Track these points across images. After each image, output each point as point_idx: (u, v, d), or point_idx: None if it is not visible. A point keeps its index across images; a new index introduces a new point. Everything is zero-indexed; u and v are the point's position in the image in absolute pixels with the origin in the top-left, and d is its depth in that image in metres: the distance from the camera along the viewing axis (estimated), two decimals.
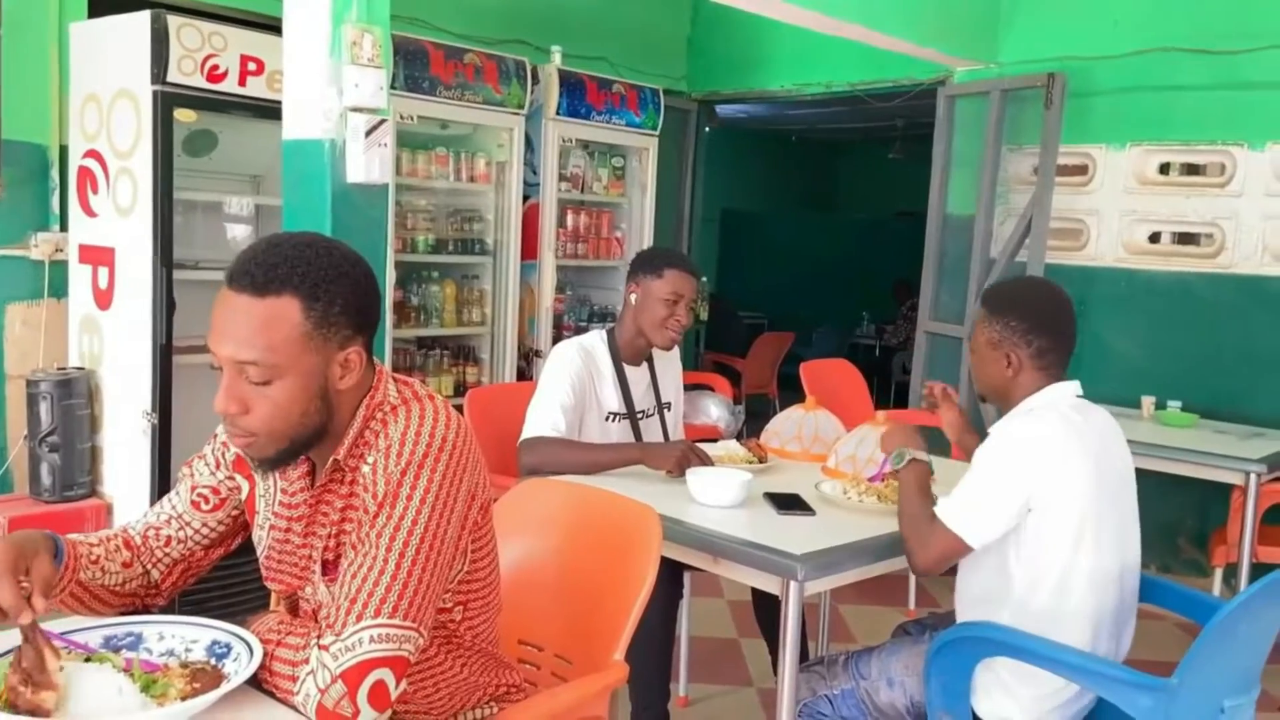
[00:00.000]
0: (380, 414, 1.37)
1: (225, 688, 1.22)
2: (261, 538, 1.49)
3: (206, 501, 1.50)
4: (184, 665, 1.29)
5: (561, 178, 4.71)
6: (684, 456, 2.52)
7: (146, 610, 1.49)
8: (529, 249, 4.57)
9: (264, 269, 1.26)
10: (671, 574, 2.58)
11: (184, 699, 1.20)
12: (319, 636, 1.26)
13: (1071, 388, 2.09)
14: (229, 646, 1.31)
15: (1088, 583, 1.96)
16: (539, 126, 4.55)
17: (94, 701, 1.17)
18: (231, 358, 1.27)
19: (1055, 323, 2.07)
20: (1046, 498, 1.93)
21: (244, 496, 1.51)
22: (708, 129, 6.55)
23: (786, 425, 3.00)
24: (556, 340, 4.67)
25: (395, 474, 1.30)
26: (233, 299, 1.27)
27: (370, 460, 1.32)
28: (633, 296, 2.77)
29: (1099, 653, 1.99)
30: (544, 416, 2.63)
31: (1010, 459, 1.96)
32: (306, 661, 1.24)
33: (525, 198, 4.53)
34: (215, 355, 1.30)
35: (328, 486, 1.41)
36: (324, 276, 1.28)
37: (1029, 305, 2.08)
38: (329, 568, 1.39)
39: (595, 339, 2.84)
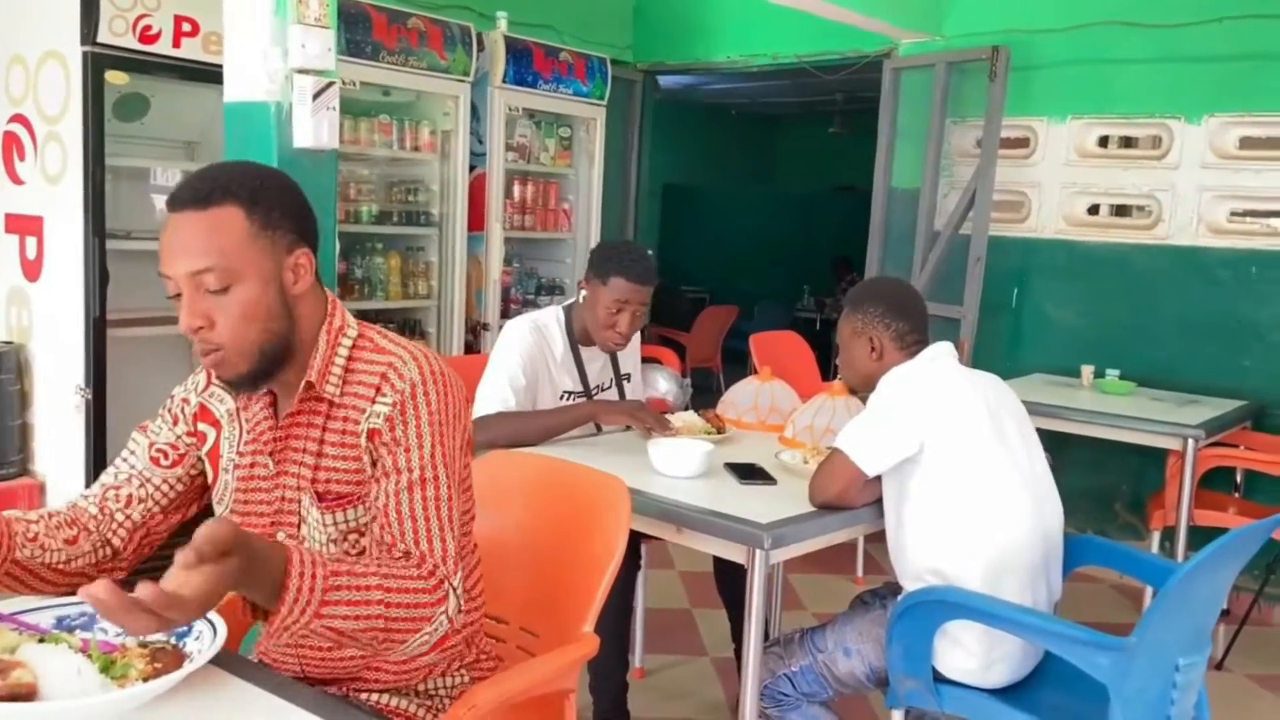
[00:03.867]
0: (347, 341, 1.41)
1: (189, 667, 1.17)
2: (227, 482, 1.46)
3: (166, 457, 1.48)
4: (143, 645, 1.23)
5: (508, 147, 4.63)
6: (638, 409, 2.58)
7: None
8: (475, 220, 4.49)
9: (204, 184, 1.31)
10: (630, 546, 2.56)
11: (145, 679, 1.15)
12: (430, 575, 1.28)
13: (945, 346, 2.23)
14: (190, 624, 1.26)
15: (1024, 534, 2.04)
16: (485, 94, 4.46)
17: (53, 684, 1.11)
18: (187, 271, 1.29)
19: (908, 308, 2.24)
20: (941, 433, 2.03)
21: (207, 449, 1.48)
22: (656, 97, 6.50)
23: (742, 396, 3.00)
24: (505, 313, 4.62)
25: (423, 414, 1.36)
26: (177, 218, 1.31)
27: (390, 400, 1.36)
28: (582, 294, 2.73)
29: (1036, 604, 2.05)
30: (494, 393, 2.59)
31: (901, 393, 2.10)
32: (428, 596, 1.26)
33: (471, 168, 4.45)
34: (169, 278, 1.31)
35: (296, 417, 1.40)
36: (260, 185, 1.33)
37: (881, 295, 2.26)
38: (324, 498, 1.40)
39: (550, 317, 2.79)
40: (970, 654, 2.04)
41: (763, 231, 10.63)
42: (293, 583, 1.13)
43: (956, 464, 2.03)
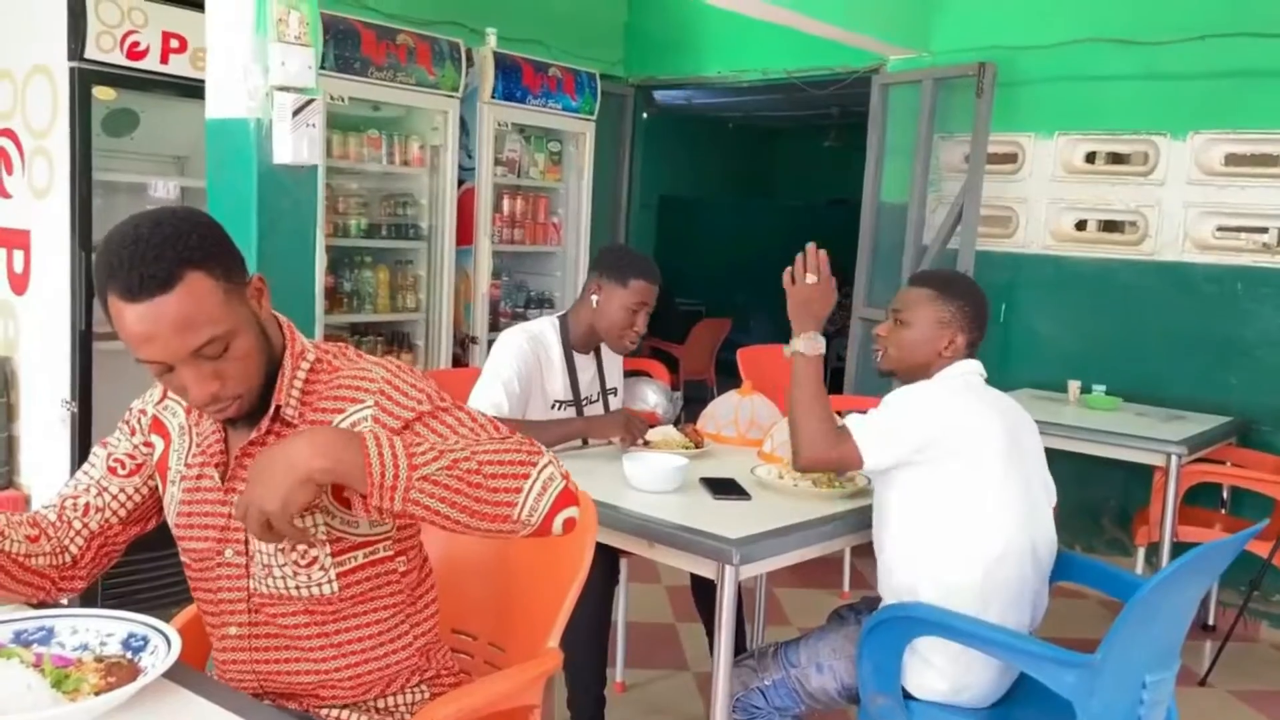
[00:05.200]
0: (306, 365, 1.43)
1: (141, 681, 1.18)
2: (174, 494, 1.47)
3: (123, 466, 1.50)
4: (98, 659, 1.24)
5: (497, 162, 4.65)
6: (628, 422, 2.61)
7: (62, 593, 1.46)
8: (464, 234, 4.51)
9: (157, 266, 1.23)
10: (607, 560, 2.57)
11: (98, 694, 1.16)
12: (516, 438, 1.35)
13: (976, 365, 2.22)
14: (145, 639, 1.27)
15: (1015, 552, 2.02)
16: (474, 109, 4.48)
17: (0, 700, 1.12)
18: (186, 351, 1.26)
19: (984, 319, 2.23)
20: (954, 444, 2.01)
21: (156, 458, 1.50)
22: (645, 115, 6.53)
23: (723, 410, 3.01)
24: (494, 327, 4.63)
25: (410, 394, 1.39)
26: (145, 308, 1.23)
27: (370, 403, 1.38)
28: (594, 297, 2.75)
29: (1016, 624, 2.04)
30: (487, 399, 2.60)
31: (920, 401, 2.09)
32: (517, 447, 1.32)
33: (460, 182, 4.47)
34: (157, 363, 1.28)
35: (264, 439, 1.40)
36: (200, 240, 1.28)
37: (979, 300, 2.23)
38: None
39: (545, 326, 2.81)
40: (941, 674, 2.03)
41: (759, 244, 10.61)
42: (370, 441, 1.20)
43: (953, 483, 2.01)
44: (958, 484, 2.01)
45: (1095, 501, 4.42)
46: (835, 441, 2.07)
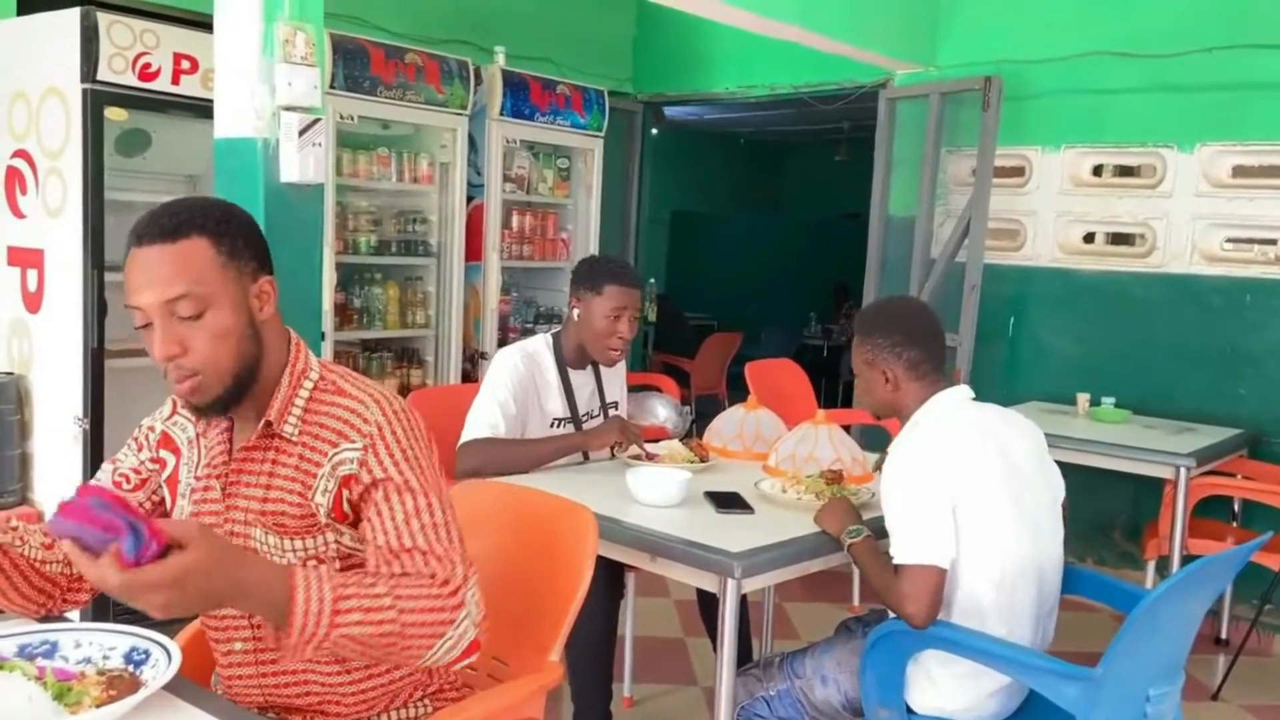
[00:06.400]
0: (309, 383, 1.44)
1: (141, 694, 1.19)
2: (183, 508, 1.50)
3: (128, 481, 1.53)
4: (100, 673, 1.26)
5: (506, 179, 4.69)
6: (623, 426, 2.63)
7: (68, 605, 1.49)
8: (473, 250, 4.55)
9: (170, 219, 1.35)
10: (611, 574, 2.58)
11: (99, 706, 1.17)
12: (444, 584, 1.30)
13: (959, 392, 2.14)
14: (147, 653, 1.29)
15: (1013, 574, 2.00)
16: (483, 127, 4.52)
17: (1, 711, 1.13)
18: (160, 299, 1.32)
19: (919, 334, 2.14)
20: (962, 491, 1.97)
21: (166, 475, 1.53)
22: (655, 130, 6.56)
23: (728, 424, 3.02)
24: (502, 342, 4.66)
25: (394, 449, 1.39)
26: (145, 252, 1.34)
27: (360, 446, 1.39)
28: (575, 312, 2.77)
29: (1023, 643, 2.02)
30: (483, 419, 2.62)
31: (916, 470, 1.99)
32: (441, 601, 1.29)
33: (469, 198, 4.51)
34: (140, 309, 1.34)
35: (250, 452, 1.44)
36: (222, 217, 1.38)
37: (890, 321, 2.17)
38: (281, 529, 1.43)
39: (540, 344, 2.83)
40: (945, 691, 2.02)
41: (769, 258, 10.67)
42: (299, 593, 1.19)
43: (975, 524, 1.97)
44: (965, 515, 1.97)
45: (1106, 514, 4.40)
46: (900, 582, 1.94)
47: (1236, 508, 3.97)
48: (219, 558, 1.15)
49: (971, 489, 1.97)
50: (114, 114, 3.31)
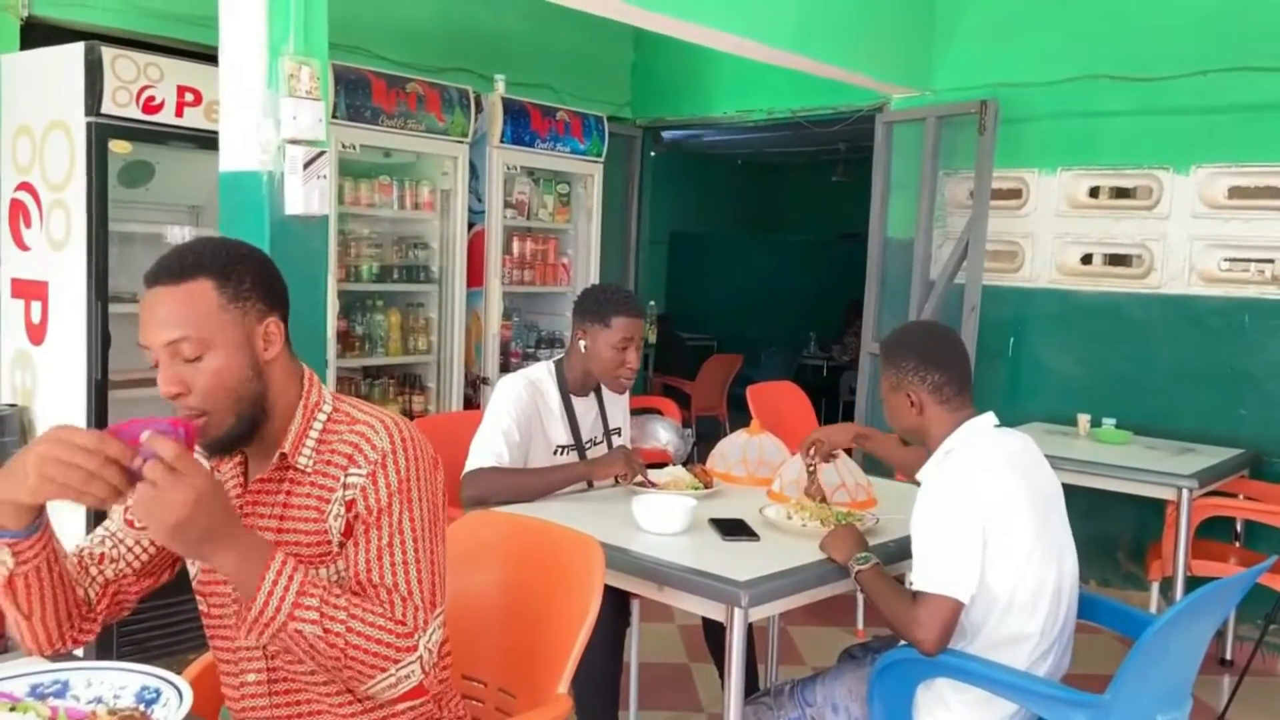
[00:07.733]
0: (323, 415, 1.47)
1: None
2: None
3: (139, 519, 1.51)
4: (112, 712, 1.26)
5: (507, 205, 4.71)
6: (628, 457, 2.64)
7: (80, 636, 1.48)
8: (475, 276, 4.56)
9: (179, 260, 1.39)
10: (617, 603, 2.58)
11: None
12: (399, 624, 1.35)
13: (985, 420, 2.14)
14: (158, 692, 1.29)
15: (1034, 602, 2.00)
16: (483, 154, 4.55)
17: None
18: (163, 341, 1.37)
19: (942, 357, 2.14)
20: (993, 524, 1.95)
21: None
22: (653, 153, 6.60)
23: (731, 450, 3.02)
24: (504, 367, 4.67)
25: (393, 480, 1.42)
26: (154, 293, 1.39)
27: (366, 473, 1.41)
28: (581, 343, 2.78)
29: (1044, 671, 2.02)
30: (488, 449, 2.62)
31: (949, 501, 1.98)
32: (393, 639, 1.33)
33: (470, 225, 4.53)
34: (148, 349, 1.39)
35: (265, 484, 1.46)
36: (230, 259, 1.42)
37: (914, 345, 2.17)
38: (296, 560, 1.43)
39: (542, 372, 2.84)
40: (955, 716, 2.02)
41: (769, 279, 10.68)
42: (270, 572, 1.28)
43: (1003, 556, 1.96)
44: (994, 547, 1.95)
45: (1109, 536, 4.40)
46: (916, 609, 1.93)
47: (1239, 528, 3.97)
48: (228, 501, 1.31)
49: (1003, 522, 1.96)
50: (118, 146, 3.33)
